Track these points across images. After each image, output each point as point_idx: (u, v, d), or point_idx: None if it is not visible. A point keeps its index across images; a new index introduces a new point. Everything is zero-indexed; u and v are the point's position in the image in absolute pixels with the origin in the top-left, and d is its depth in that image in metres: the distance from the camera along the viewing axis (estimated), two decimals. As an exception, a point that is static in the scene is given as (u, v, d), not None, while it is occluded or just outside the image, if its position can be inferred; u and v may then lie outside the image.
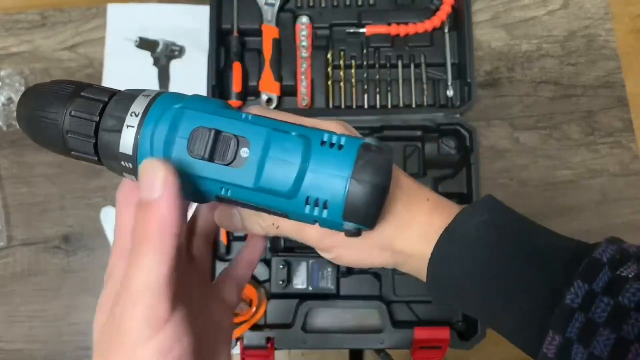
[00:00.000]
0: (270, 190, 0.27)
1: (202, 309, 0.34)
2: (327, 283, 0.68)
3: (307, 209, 0.28)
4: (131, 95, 0.29)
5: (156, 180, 0.25)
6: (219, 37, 0.74)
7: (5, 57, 0.77)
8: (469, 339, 0.64)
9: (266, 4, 0.74)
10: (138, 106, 0.28)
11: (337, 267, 0.68)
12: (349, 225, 0.28)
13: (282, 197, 0.28)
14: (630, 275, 0.28)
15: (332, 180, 0.27)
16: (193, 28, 0.77)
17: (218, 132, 0.27)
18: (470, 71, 0.71)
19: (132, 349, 0.24)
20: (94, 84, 0.30)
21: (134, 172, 0.28)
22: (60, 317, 0.70)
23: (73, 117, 0.28)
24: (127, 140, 0.28)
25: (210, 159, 0.27)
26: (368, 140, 0.28)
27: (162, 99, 0.28)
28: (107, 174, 0.73)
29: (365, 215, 0.27)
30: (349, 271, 0.69)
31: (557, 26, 0.78)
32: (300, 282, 0.68)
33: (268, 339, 0.65)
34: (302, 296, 0.68)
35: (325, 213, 0.28)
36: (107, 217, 0.72)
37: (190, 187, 0.28)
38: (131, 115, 0.28)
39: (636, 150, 0.74)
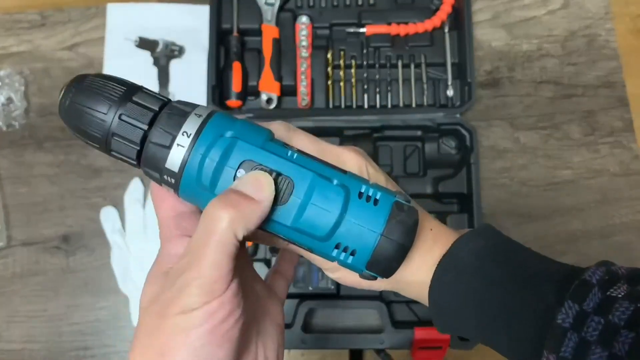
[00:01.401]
0: (306, 232, 0.29)
1: (254, 293, 0.35)
2: (327, 283, 0.68)
3: (335, 252, 0.30)
4: (183, 111, 0.29)
5: (265, 186, 0.28)
6: (219, 37, 0.74)
7: (5, 57, 0.77)
8: (468, 339, 0.64)
9: (266, 3, 0.74)
10: (190, 126, 0.29)
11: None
12: (368, 274, 0.30)
13: (314, 239, 0.29)
14: (620, 295, 0.29)
15: (365, 234, 0.29)
16: (193, 28, 0.77)
17: (271, 171, 0.29)
18: (470, 71, 0.71)
19: (186, 313, 0.26)
20: (144, 88, 0.30)
21: (174, 187, 0.29)
22: (60, 317, 0.70)
23: (122, 121, 0.29)
24: (175, 158, 0.28)
25: None
26: (399, 197, 0.30)
27: (215, 123, 0.29)
28: (107, 175, 0.73)
29: (387, 268, 0.30)
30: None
31: (557, 26, 0.78)
32: (300, 282, 0.68)
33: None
34: (302, 296, 0.68)
35: (350, 259, 0.30)
36: (107, 217, 0.72)
37: None
38: (183, 134, 0.28)
39: (636, 150, 0.74)
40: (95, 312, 0.70)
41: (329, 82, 0.74)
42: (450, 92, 0.73)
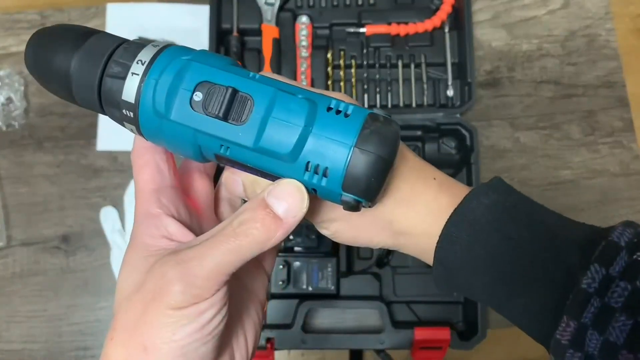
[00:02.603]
0: (270, 152, 0.27)
1: (240, 279, 0.34)
2: (327, 283, 0.68)
3: (307, 175, 0.27)
4: (140, 44, 0.28)
5: (299, 209, 0.27)
6: (219, 37, 0.74)
7: (5, 57, 0.77)
8: (469, 339, 0.64)
9: (266, 3, 0.74)
10: (145, 55, 0.28)
11: (337, 268, 0.67)
12: (347, 197, 0.27)
13: (281, 160, 0.27)
14: None
15: (335, 147, 0.26)
16: (193, 28, 0.77)
17: (227, 89, 0.27)
18: (470, 71, 0.71)
19: (174, 310, 0.25)
20: (105, 32, 0.29)
21: (134, 121, 0.28)
22: (59, 317, 0.70)
23: (80, 60, 0.28)
24: (130, 88, 0.27)
25: (216, 115, 0.27)
26: (376, 110, 0.27)
27: (171, 50, 0.28)
28: (107, 175, 0.73)
29: (366, 187, 0.26)
30: (349, 271, 0.69)
31: (557, 26, 0.78)
32: (300, 282, 0.68)
33: (268, 339, 0.65)
34: (302, 296, 0.67)
35: (324, 181, 0.27)
36: (107, 217, 0.72)
37: (190, 142, 0.28)
38: (137, 63, 0.27)
39: (637, 150, 0.74)
40: (95, 312, 0.70)
41: (329, 82, 0.74)
42: (450, 92, 0.73)
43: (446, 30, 0.74)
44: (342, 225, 0.32)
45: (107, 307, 0.70)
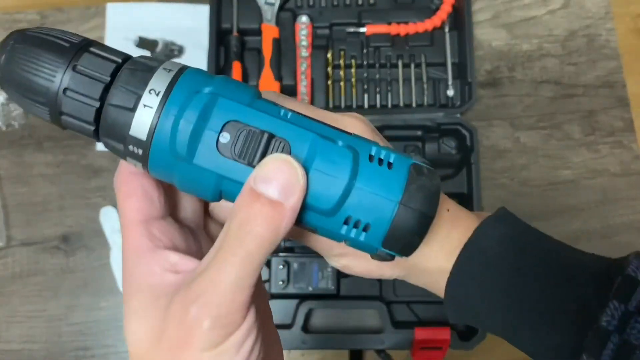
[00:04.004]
0: (309, 206, 0.24)
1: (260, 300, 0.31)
2: (327, 283, 0.68)
3: (344, 229, 0.25)
4: (148, 66, 0.24)
5: (295, 185, 0.23)
6: (219, 37, 0.74)
7: (5, 57, 0.77)
8: (469, 339, 0.64)
9: (266, 3, 0.74)
10: (158, 83, 0.23)
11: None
12: (383, 252, 0.25)
13: (319, 214, 0.24)
14: None
15: (379, 203, 0.24)
16: (193, 27, 0.77)
17: (262, 134, 0.23)
18: (470, 71, 0.71)
19: (212, 350, 0.22)
20: (101, 43, 0.25)
21: (142, 159, 0.24)
22: (59, 317, 0.70)
23: (77, 72, 0.23)
24: (142, 123, 0.23)
25: (249, 163, 0.23)
26: (416, 159, 0.25)
27: (188, 78, 0.24)
28: (107, 175, 0.73)
29: (407, 244, 0.25)
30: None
31: (557, 26, 0.78)
32: (300, 282, 0.68)
33: (268, 340, 0.64)
34: (302, 296, 0.67)
35: (363, 236, 0.25)
36: (107, 217, 0.72)
37: (211, 187, 0.24)
38: (150, 92, 0.23)
39: (637, 150, 0.74)
40: (95, 312, 0.70)
41: (329, 82, 0.74)
42: (450, 92, 0.73)
43: (446, 30, 0.74)
44: (353, 261, 0.31)
45: (106, 307, 0.70)
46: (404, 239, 0.25)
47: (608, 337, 0.27)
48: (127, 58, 0.25)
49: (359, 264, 0.31)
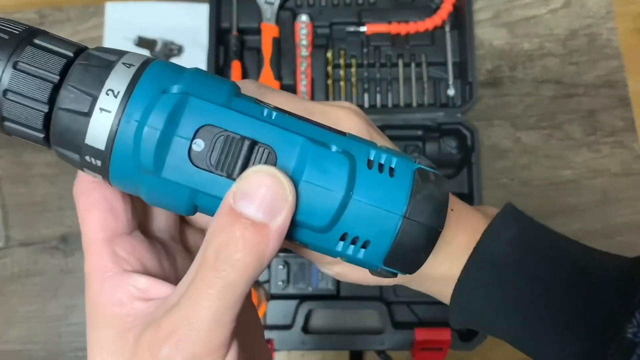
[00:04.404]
0: (300, 222, 0.21)
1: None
2: (327, 284, 0.68)
3: (341, 246, 0.22)
4: (104, 60, 0.20)
5: (283, 202, 0.19)
6: (218, 36, 0.73)
7: (3, 56, 0.77)
8: (470, 340, 0.64)
9: (266, 2, 0.74)
10: (117, 82, 0.20)
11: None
12: (384, 270, 0.22)
13: (312, 231, 0.21)
14: None
15: (381, 217, 0.21)
16: (192, 27, 0.77)
17: (243, 140, 0.20)
18: (471, 70, 0.70)
19: None
20: (48, 32, 0.21)
21: (102, 171, 0.21)
22: (58, 318, 0.69)
23: (18, 70, 0.20)
24: (98, 131, 0.20)
25: (228, 175, 0.20)
26: (421, 163, 0.23)
27: (152, 74, 0.20)
28: (106, 174, 0.73)
29: (412, 262, 0.22)
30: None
31: (558, 25, 0.77)
32: (300, 282, 0.68)
33: (267, 340, 0.64)
34: (302, 297, 0.67)
35: (362, 253, 0.22)
36: (106, 217, 0.71)
37: (184, 201, 0.21)
38: (107, 93, 0.20)
39: (638, 150, 0.74)
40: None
41: (329, 82, 0.74)
42: (451, 92, 0.73)
43: (447, 29, 0.74)
44: (347, 268, 0.29)
45: (106, 307, 0.70)
46: (409, 257, 0.22)
47: (633, 350, 0.26)
48: (80, 50, 0.21)
49: (354, 271, 0.29)
